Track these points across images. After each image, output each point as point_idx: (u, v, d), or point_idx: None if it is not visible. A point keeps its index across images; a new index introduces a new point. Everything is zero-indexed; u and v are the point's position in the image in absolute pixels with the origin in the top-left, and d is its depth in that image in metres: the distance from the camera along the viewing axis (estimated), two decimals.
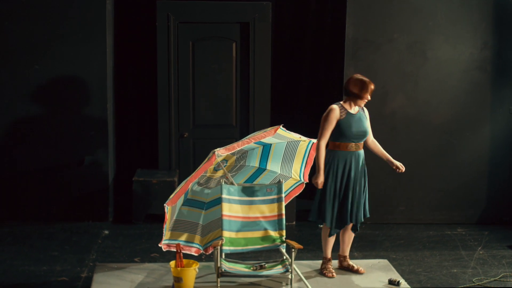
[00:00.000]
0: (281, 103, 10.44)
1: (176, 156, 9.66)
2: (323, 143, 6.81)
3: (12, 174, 9.09)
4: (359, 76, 6.93)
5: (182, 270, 6.38)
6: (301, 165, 7.12)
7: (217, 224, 6.90)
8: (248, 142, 6.58)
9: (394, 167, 7.08)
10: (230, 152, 6.64)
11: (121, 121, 9.95)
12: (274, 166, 7.11)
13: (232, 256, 7.02)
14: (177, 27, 9.45)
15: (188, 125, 9.65)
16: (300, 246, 6.49)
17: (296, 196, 7.05)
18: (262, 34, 9.50)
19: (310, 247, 8.18)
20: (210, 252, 6.98)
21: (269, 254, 7.57)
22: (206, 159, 6.55)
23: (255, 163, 7.11)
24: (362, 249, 8.27)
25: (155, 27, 9.44)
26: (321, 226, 7.11)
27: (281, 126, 6.75)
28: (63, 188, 9.14)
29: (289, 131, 6.88)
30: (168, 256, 7.75)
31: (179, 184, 9.42)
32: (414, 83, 9.18)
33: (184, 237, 6.87)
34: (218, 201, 6.89)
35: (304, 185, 7.21)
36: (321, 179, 6.78)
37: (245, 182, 7.05)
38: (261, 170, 7.13)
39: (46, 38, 8.91)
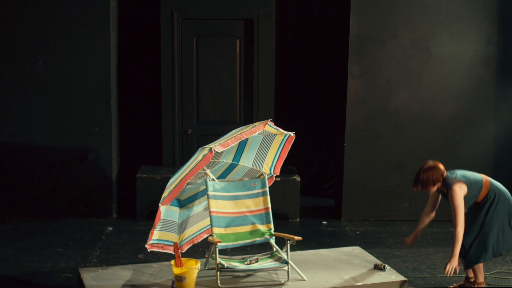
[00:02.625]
0: (285, 99, 10.44)
1: (179, 152, 9.66)
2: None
3: (16, 170, 9.09)
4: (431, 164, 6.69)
5: (185, 268, 6.33)
6: (274, 159, 7.09)
7: (193, 221, 6.92)
8: (240, 138, 6.55)
9: (412, 239, 6.99)
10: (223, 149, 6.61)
11: (125, 117, 9.95)
12: (247, 160, 7.10)
13: (223, 252, 7.03)
14: (181, 24, 9.45)
15: (192, 122, 9.64)
16: (300, 238, 6.57)
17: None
18: (266, 31, 9.49)
19: (315, 244, 8.18)
20: (185, 249, 6.96)
21: (260, 248, 7.59)
22: (201, 157, 6.46)
23: (229, 158, 7.10)
24: (366, 246, 8.25)
25: (159, 23, 9.44)
26: None
27: (269, 121, 6.73)
28: (67, 185, 9.14)
29: (274, 126, 6.84)
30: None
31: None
32: (418, 80, 9.16)
33: (164, 236, 6.80)
34: (192, 199, 6.91)
35: (274, 178, 7.19)
36: (456, 264, 6.47)
37: (218, 177, 7.04)
38: (233, 165, 7.14)
39: (50, 34, 8.90)
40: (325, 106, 10.50)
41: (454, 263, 6.39)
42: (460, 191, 6.48)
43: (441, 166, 6.57)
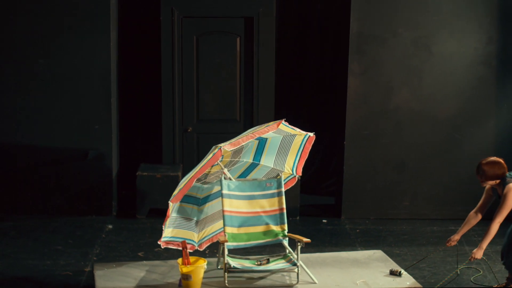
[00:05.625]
0: (285, 97, 10.43)
1: (180, 150, 9.66)
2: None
3: (16, 168, 9.10)
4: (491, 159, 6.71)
5: (191, 267, 6.31)
6: (295, 159, 7.09)
7: (211, 219, 6.90)
8: (252, 137, 6.56)
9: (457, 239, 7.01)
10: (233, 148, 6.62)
11: (125, 115, 9.95)
12: (267, 160, 7.09)
13: (235, 252, 7.01)
14: (181, 22, 9.44)
15: (192, 120, 9.64)
16: (308, 240, 6.51)
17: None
18: (267, 29, 9.48)
19: (315, 242, 8.17)
20: (204, 248, 6.97)
21: (273, 249, 7.56)
22: (211, 155, 6.51)
23: (249, 158, 7.09)
24: (366, 244, 8.26)
25: (159, 21, 9.43)
26: None
27: (283, 121, 6.73)
28: (67, 182, 9.14)
29: (290, 126, 6.86)
30: (171, 251, 7.76)
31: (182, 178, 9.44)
32: (418, 78, 9.15)
33: (180, 233, 6.83)
34: (212, 197, 6.89)
35: (297, 179, 7.19)
36: (480, 257, 6.65)
37: (238, 177, 7.04)
38: (254, 165, 7.12)
39: (50, 32, 8.90)
40: (325, 104, 10.49)
41: (478, 256, 6.60)
42: None
43: (505, 165, 6.63)
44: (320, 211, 9.70)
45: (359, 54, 9.08)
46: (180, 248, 6.72)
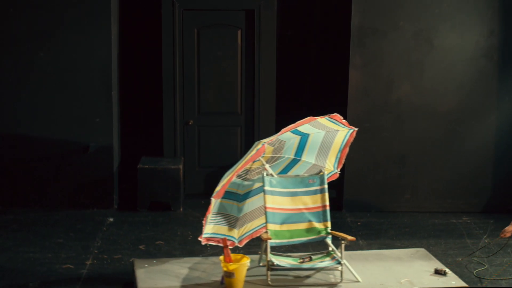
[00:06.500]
0: (287, 90, 10.42)
1: (181, 143, 9.65)
2: None
3: (17, 161, 9.09)
4: None
5: (236, 265, 6.20)
6: (337, 155, 7.00)
7: (251, 216, 6.83)
8: (289, 129, 6.46)
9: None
10: (271, 143, 6.56)
11: (126, 108, 9.94)
12: (309, 156, 6.99)
13: (277, 249, 6.90)
14: (182, 14, 9.43)
15: (193, 113, 9.63)
16: (353, 238, 6.44)
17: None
18: (268, 21, 9.47)
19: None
20: (243, 244, 6.89)
21: (315, 246, 7.42)
22: (254, 150, 6.40)
23: (290, 153, 6.99)
24: (367, 237, 8.26)
25: (160, 14, 9.42)
26: None
27: (327, 116, 6.66)
28: (68, 175, 9.14)
29: (334, 120, 6.73)
30: (172, 244, 7.76)
31: (184, 172, 9.44)
32: (420, 71, 9.14)
33: (220, 230, 6.75)
34: (253, 193, 6.82)
35: (338, 175, 7.12)
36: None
37: (279, 173, 6.93)
38: (295, 160, 7.02)
39: (51, 25, 8.89)
40: (326, 97, 10.48)
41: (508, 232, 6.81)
42: None
43: None
44: None
45: (361, 47, 9.07)
46: (220, 245, 6.66)
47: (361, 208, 9.36)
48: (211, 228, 6.71)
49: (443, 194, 9.38)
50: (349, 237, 6.43)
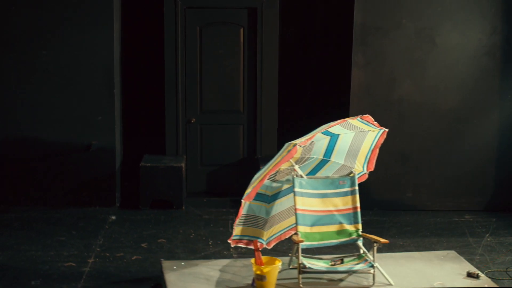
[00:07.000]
0: (289, 89, 10.41)
1: (183, 141, 9.65)
2: None
3: (20, 159, 9.10)
4: None
5: (268, 267, 6.13)
6: (367, 155, 6.94)
7: (280, 217, 6.77)
8: (321, 130, 6.43)
9: None
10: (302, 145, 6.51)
11: (128, 106, 9.94)
12: (338, 157, 6.91)
13: (307, 251, 6.80)
14: (184, 12, 9.42)
15: (195, 111, 9.63)
16: (386, 241, 6.37)
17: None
18: (270, 20, 9.46)
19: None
20: (272, 246, 6.84)
21: (345, 249, 7.26)
22: (285, 152, 6.35)
23: (319, 154, 6.91)
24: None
25: (162, 12, 9.41)
26: None
27: (358, 117, 6.61)
28: (70, 173, 9.15)
29: (365, 121, 6.67)
30: (174, 242, 7.77)
31: (187, 170, 9.44)
32: (422, 69, 9.13)
33: (248, 231, 6.69)
34: (281, 194, 6.76)
35: (368, 176, 7.04)
36: None
37: (308, 174, 6.85)
38: (324, 161, 6.93)
39: (53, 23, 8.89)
40: (329, 95, 10.47)
41: None
42: None
43: None
44: None
45: (363, 46, 9.06)
46: (250, 247, 6.60)
47: (363, 206, 9.30)
48: (240, 230, 6.65)
49: (445, 192, 9.37)
50: (382, 240, 6.35)
